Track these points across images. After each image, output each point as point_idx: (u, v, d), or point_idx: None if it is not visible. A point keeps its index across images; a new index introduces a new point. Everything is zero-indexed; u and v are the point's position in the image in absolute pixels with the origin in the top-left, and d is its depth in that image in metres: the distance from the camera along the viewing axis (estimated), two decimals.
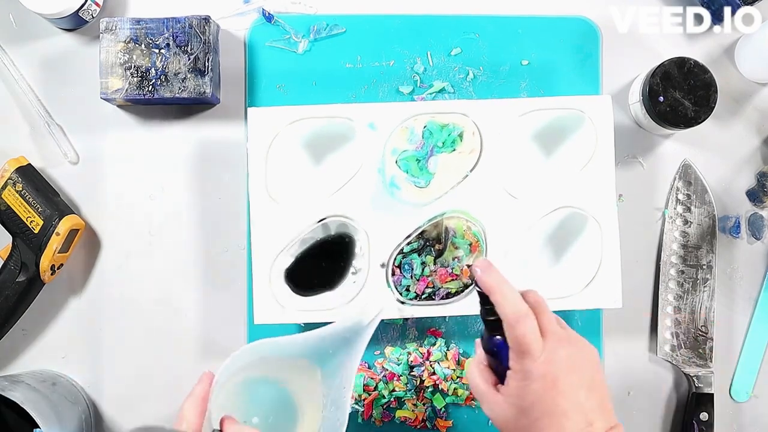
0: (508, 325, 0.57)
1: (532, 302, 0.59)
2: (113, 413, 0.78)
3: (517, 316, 0.57)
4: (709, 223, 0.80)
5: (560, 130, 0.75)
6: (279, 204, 0.72)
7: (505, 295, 0.58)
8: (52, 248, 0.74)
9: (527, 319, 0.57)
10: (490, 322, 0.59)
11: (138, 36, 0.75)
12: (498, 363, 0.60)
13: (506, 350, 0.58)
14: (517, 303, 0.58)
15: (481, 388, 0.60)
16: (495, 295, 0.58)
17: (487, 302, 0.59)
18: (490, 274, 0.59)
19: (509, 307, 0.57)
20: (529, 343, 0.56)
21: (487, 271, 0.59)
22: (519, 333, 0.57)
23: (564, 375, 0.56)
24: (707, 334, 0.80)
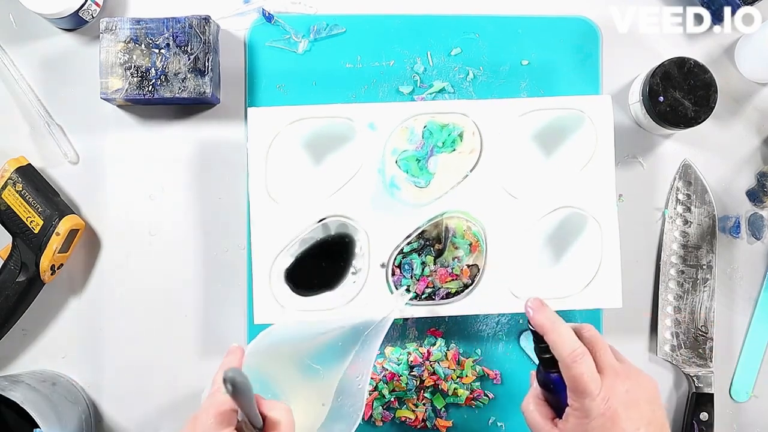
0: (565, 366, 0.57)
1: (588, 338, 0.59)
2: (113, 413, 0.78)
3: (574, 356, 0.57)
4: (709, 223, 0.80)
5: (560, 130, 0.75)
6: (279, 204, 0.72)
7: (561, 334, 0.58)
8: (52, 248, 0.74)
9: (584, 358, 0.57)
10: (546, 360, 0.59)
11: (138, 36, 0.75)
12: (555, 398, 0.60)
13: (563, 386, 0.59)
14: (572, 342, 0.58)
15: (538, 423, 0.60)
16: (550, 334, 0.58)
17: (541, 340, 0.59)
18: (543, 312, 0.59)
19: (565, 347, 0.57)
20: (586, 382, 0.56)
21: (540, 310, 0.59)
22: (576, 373, 0.56)
23: (623, 411, 0.56)
24: (707, 334, 0.80)
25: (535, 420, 0.61)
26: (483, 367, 0.78)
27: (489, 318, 0.79)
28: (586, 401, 0.56)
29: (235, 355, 0.61)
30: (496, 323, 0.79)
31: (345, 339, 0.66)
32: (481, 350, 0.79)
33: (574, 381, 0.57)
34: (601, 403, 0.56)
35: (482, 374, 0.78)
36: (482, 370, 0.78)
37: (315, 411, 0.64)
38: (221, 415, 0.54)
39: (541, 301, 0.60)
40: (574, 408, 0.57)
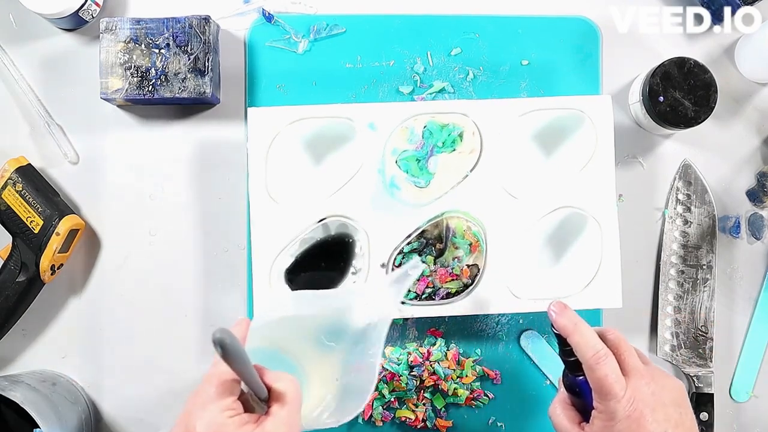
0: (589, 368, 0.57)
1: (612, 340, 0.59)
2: (113, 413, 0.78)
3: (597, 357, 0.57)
4: (709, 223, 0.80)
5: (560, 130, 0.75)
6: (279, 204, 0.72)
7: (584, 335, 0.58)
8: (52, 248, 0.74)
9: (607, 360, 0.57)
10: (570, 363, 0.59)
11: (138, 36, 0.75)
12: (581, 402, 0.60)
13: (589, 389, 0.59)
14: (595, 344, 0.58)
15: (566, 427, 0.60)
16: (573, 337, 0.58)
17: (565, 343, 0.59)
18: (566, 315, 0.59)
19: (588, 349, 0.57)
20: (611, 384, 0.56)
21: (563, 313, 0.59)
22: (600, 375, 0.57)
23: (649, 413, 0.56)
24: (707, 334, 0.80)
25: (562, 424, 0.61)
26: (483, 367, 0.78)
27: (489, 318, 0.79)
28: (611, 403, 0.56)
29: (240, 326, 0.59)
30: (496, 323, 0.79)
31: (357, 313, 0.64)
32: (481, 350, 0.79)
33: (599, 383, 0.57)
34: (626, 405, 0.56)
35: (482, 374, 0.78)
36: (482, 370, 0.78)
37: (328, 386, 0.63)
38: (222, 384, 0.53)
39: (564, 304, 0.60)
40: (599, 410, 0.58)
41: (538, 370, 0.79)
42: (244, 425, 0.52)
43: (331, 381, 0.62)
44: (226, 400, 0.53)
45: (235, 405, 0.53)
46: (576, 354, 0.59)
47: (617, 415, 0.56)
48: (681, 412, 0.58)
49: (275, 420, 0.52)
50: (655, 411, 0.56)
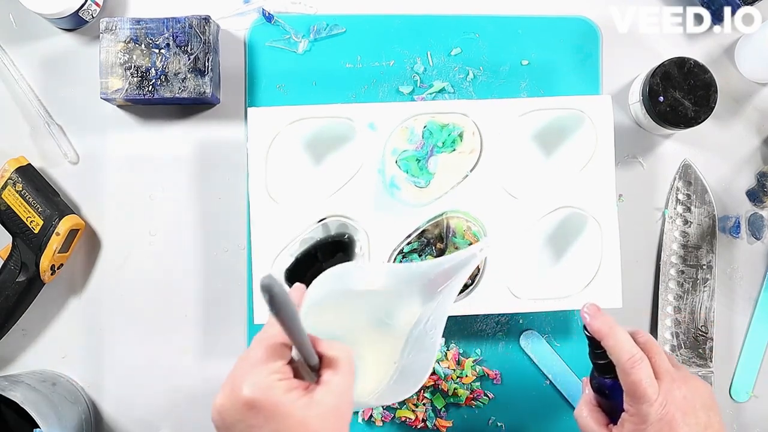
0: (623, 371, 0.57)
1: (643, 343, 0.59)
2: (113, 413, 0.78)
3: (633, 361, 0.57)
4: (709, 223, 0.80)
5: (560, 130, 0.75)
6: (279, 204, 0.72)
7: (619, 339, 0.58)
8: (52, 248, 0.74)
9: (642, 363, 0.57)
10: (601, 365, 0.59)
11: (138, 36, 0.75)
12: (610, 404, 0.60)
13: (618, 392, 0.59)
14: (631, 348, 0.58)
15: (593, 429, 0.60)
16: (607, 340, 0.58)
17: (596, 346, 0.59)
18: (600, 318, 0.59)
19: (623, 352, 0.57)
20: (645, 387, 0.56)
21: (597, 315, 0.59)
22: (635, 379, 0.57)
23: (681, 417, 0.56)
24: (707, 334, 0.80)
25: (589, 426, 0.61)
26: (483, 367, 0.78)
27: (489, 318, 0.79)
28: (644, 406, 0.56)
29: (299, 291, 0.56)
30: (496, 323, 0.79)
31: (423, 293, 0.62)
32: (481, 350, 0.79)
33: (633, 386, 0.57)
34: (658, 409, 0.56)
35: (482, 374, 0.78)
36: (482, 370, 0.78)
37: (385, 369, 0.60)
38: (272, 347, 0.50)
39: (598, 307, 0.60)
40: (630, 413, 0.57)
41: (538, 370, 0.79)
42: (292, 391, 0.48)
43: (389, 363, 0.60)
44: (275, 363, 0.49)
45: (284, 369, 0.49)
46: (610, 357, 0.59)
47: (649, 418, 0.56)
48: (710, 415, 0.58)
49: (326, 389, 0.49)
50: (687, 414, 0.57)
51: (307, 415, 0.48)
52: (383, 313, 0.61)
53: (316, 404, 0.48)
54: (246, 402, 0.47)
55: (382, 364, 0.60)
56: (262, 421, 0.47)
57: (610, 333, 0.58)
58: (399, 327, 0.61)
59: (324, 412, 0.48)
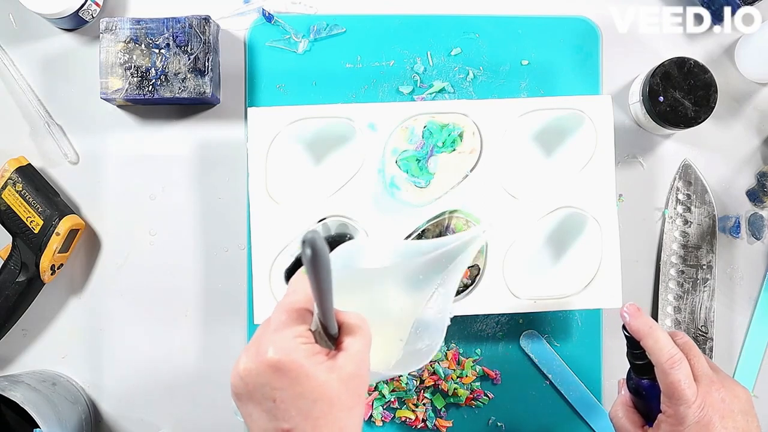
0: (662, 372, 0.57)
1: (682, 344, 0.59)
2: (113, 413, 0.78)
3: (672, 362, 0.57)
4: (709, 223, 0.80)
5: (560, 130, 0.75)
6: (279, 204, 0.72)
7: (658, 340, 0.58)
8: (52, 248, 0.74)
9: (682, 364, 0.57)
10: (638, 366, 0.60)
11: (138, 36, 0.75)
12: (646, 405, 0.60)
13: (655, 393, 0.59)
14: (671, 348, 0.57)
15: (627, 429, 0.60)
16: (647, 340, 0.58)
17: (635, 346, 0.59)
18: (640, 318, 0.59)
19: (663, 353, 0.57)
20: (683, 389, 0.56)
21: (636, 315, 0.59)
22: (674, 379, 0.56)
23: (718, 420, 0.56)
24: (707, 334, 0.80)
25: (624, 427, 0.61)
26: (483, 367, 0.78)
27: (489, 318, 0.79)
28: (682, 408, 0.56)
29: None
30: (496, 323, 0.79)
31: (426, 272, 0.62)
32: (481, 350, 0.79)
33: (671, 387, 0.57)
34: (696, 411, 0.56)
35: (482, 374, 0.78)
36: (482, 370, 0.78)
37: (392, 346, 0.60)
38: (295, 312, 0.50)
39: (637, 307, 0.60)
40: (668, 415, 0.57)
41: (538, 370, 0.79)
42: (315, 355, 0.48)
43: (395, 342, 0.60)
44: (298, 327, 0.49)
45: (307, 334, 0.49)
46: (649, 357, 0.58)
47: (687, 420, 0.56)
48: (748, 420, 0.58)
49: (348, 355, 0.49)
50: (724, 418, 0.56)
51: (329, 378, 0.48)
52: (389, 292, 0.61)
53: (338, 368, 0.48)
54: (271, 364, 0.47)
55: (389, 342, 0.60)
56: (287, 383, 0.47)
57: (650, 333, 0.58)
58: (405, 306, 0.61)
59: (346, 377, 0.48)
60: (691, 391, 0.56)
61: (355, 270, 0.60)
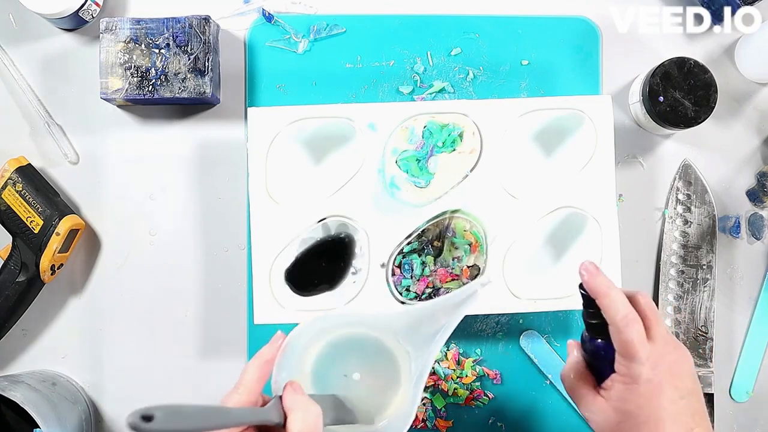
0: (617, 330, 0.57)
1: (644, 305, 0.59)
2: (113, 413, 0.78)
3: (626, 320, 0.57)
4: (709, 223, 0.80)
5: (560, 130, 0.75)
6: (279, 204, 0.72)
7: (614, 299, 0.58)
8: (52, 248, 0.74)
9: (635, 323, 0.57)
10: (594, 325, 0.59)
11: (138, 36, 0.75)
12: (599, 365, 0.60)
13: (609, 353, 0.59)
14: (625, 307, 0.58)
15: (581, 390, 0.60)
16: (603, 299, 0.58)
17: (590, 305, 0.59)
18: (598, 277, 0.59)
19: (618, 312, 0.57)
20: (637, 347, 0.57)
21: (595, 274, 0.59)
22: (627, 338, 0.57)
23: (669, 379, 0.57)
24: (707, 334, 0.80)
25: (577, 387, 0.61)
26: (483, 367, 0.78)
27: (489, 318, 0.79)
28: (635, 366, 0.57)
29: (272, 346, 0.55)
30: (496, 323, 0.79)
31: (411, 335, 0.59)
32: (481, 350, 0.79)
33: (625, 346, 0.57)
34: (649, 369, 0.56)
35: (482, 374, 0.78)
36: (482, 370, 0.78)
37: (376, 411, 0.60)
38: None
39: (596, 266, 0.60)
40: (621, 374, 0.58)
41: (538, 370, 0.79)
42: None
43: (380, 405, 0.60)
44: None
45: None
46: (605, 316, 0.59)
47: (640, 378, 0.56)
48: (694, 381, 0.59)
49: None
50: (675, 378, 0.57)
51: None
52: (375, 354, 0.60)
53: None
54: None
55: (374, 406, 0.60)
56: None
57: (606, 292, 0.58)
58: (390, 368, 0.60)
59: None
60: (645, 350, 0.57)
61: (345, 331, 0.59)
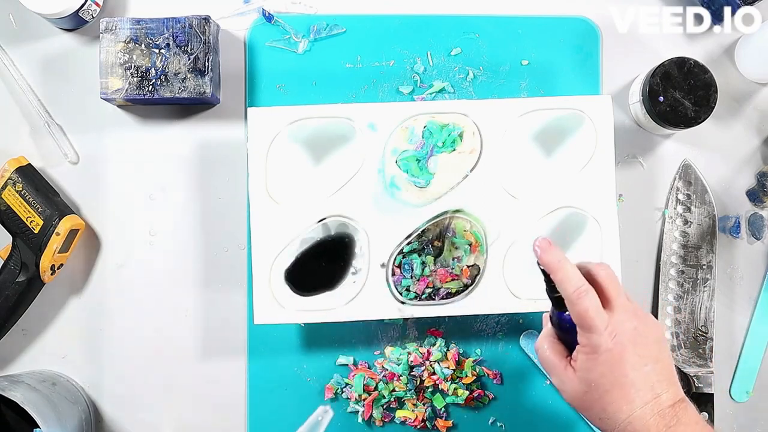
0: (571, 303, 0.58)
1: (602, 276, 0.60)
2: (113, 413, 0.78)
3: (579, 293, 0.58)
4: (709, 223, 0.80)
5: (560, 130, 0.75)
6: (279, 204, 0.72)
7: (566, 272, 0.59)
8: (52, 248, 0.74)
9: (587, 295, 0.58)
10: (556, 299, 0.60)
11: (138, 36, 0.75)
12: (568, 337, 0.61)
13: (574, 324, 0.59)
14: (577, 280, 0.58)
15: (552, 361, 0.61)
16: (556, 273, 0.59)
17: (550, 280, 0.60)
18: (550, 252, 0.60)
19: (570, 285, 0.58)
20: (591, 317, 0.57)
21: (547, 250, 0.60)
22: (581, 309, 0.57)
23: (630, 347, 0.57)
24: (707, 334, 0.80)
25: (549, 358, 0.61)
26: (483, 367, 0.78)
27: (489, 318, 0.79)
28: (594, 336, 0.57)
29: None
30: (496, 323, 0.79)
31: None
32: (481, 350, 0.79)
33: (580, 317, 0.58)
34: (608, 338, 0.57)
35: (482, 374, 0.78)
36: (482, 370, 0.78)
37: None
38: None
39: (549, 241, 0.61)
40: (582, 344, 0.58)
41: (538, 370, 0.79)
42: None
43: None
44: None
45: None
46: (559, 290, 0.59)
47: (600, 347, 0.57)
48: (661, 349, 0.59)
49: None
50: (637, 345, 0.58)
51: None
52: None
53: None
54: None
55: None
56: None
57: (559, 267, 0.59)
58: None
59: None
60: (601, 319, 0.57)
61: None
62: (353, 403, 0.77)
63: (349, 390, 0.77)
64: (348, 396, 0.77)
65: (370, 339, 0.78)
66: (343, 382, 0.77)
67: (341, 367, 0.78)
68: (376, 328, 0.78)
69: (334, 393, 0.77)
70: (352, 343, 0.78)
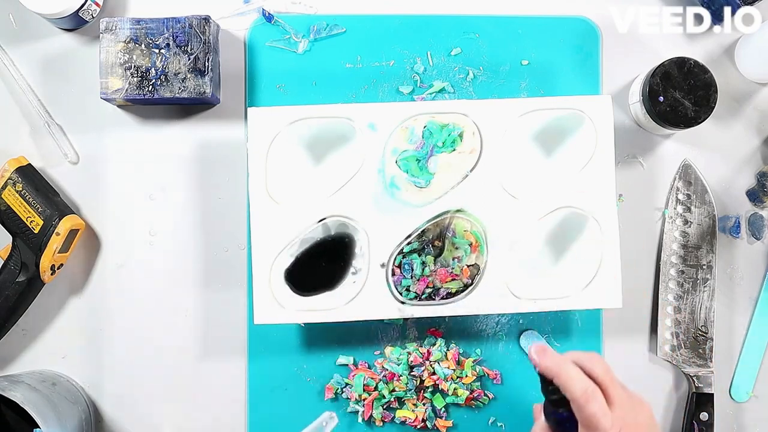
0: (578, 406, 0.58)
1: (598, 371, 0.59)
2: (113, 413, 0.78)
3: (586, 396, 0.57)
4: (709, 223, 0.80)
5: (560, 130, 0.75)
6: (279, 204, 0.72)
7: (570, 376, 0.58)
8: (52, 248, 0.74)
9: (595, 396, 0.57)
10: (554, 400, 0.60)
11: (138, 36, 0.75)
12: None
13: (573, 423, 0.59)
14: (582, 382, 0.58)
15: None
16: (559, 378, 0.59)
17: (548, 382, 0.60)
18: (548, 357, 0.59)
19: (577, 388, 0.58)
20: (599, 419, 0.57)
21: (544, 354, 0.60)
22: (590, 413, 0.57)
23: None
24: (707, 334, 0.80)
25: None
26: (483, 367, 0.78)
27: (489, 318, 0.79)
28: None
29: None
30: (496, 323, 0.79)
31: None
32: (481, 350, 0.79)
33: (588, 420, 0.57)
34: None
35: (482, 374, 0.78)
36: (482, 370, 0.78)
37: None
38: None
39: (544, 346, 0.61)
40: None
41: None
42: None
43: None
44: None
45: None
46: (564, 393, 0.59)
47: None
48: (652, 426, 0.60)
49: None
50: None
51: None
52: None
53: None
54: None
55: None
56: None
57: (561, 371, 0.59)
58: None
59: None
60: (607, 419, 0.57)
61: None
62: (353, 403, 0.77)
63: (349, 390, 0.77)
64: (348, 396, 0.77)
65: (370, 339, 0.78)
66: (343, 382, 0.77)
67: (341, 367, 0.78)
68: (376, 328, 0.78)
69: (334, 393, 0.77)
70: (352, 343, 0.78)
